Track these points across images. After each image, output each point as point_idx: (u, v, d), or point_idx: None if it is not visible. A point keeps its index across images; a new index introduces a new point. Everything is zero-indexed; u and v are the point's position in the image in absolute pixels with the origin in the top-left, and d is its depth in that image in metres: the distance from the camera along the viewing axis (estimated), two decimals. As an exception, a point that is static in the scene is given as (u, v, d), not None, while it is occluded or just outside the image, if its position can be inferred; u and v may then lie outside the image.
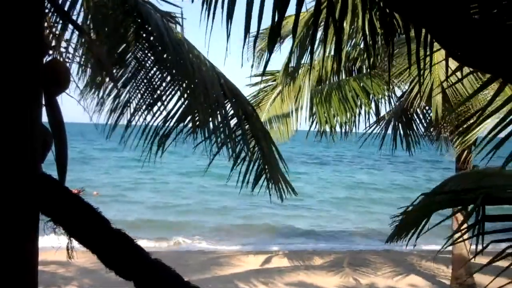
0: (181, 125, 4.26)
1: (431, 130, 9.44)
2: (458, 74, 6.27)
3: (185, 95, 4.25)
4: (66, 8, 3.54)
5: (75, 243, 2.44)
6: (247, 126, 4.55)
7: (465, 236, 3.35)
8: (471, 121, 7.28)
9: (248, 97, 10.23)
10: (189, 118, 4.26)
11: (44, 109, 2.57)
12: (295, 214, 23.02)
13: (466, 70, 2.45)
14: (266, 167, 4.71)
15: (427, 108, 8.87)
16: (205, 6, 2.21)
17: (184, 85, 4.21)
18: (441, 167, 39.96)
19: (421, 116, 9.40)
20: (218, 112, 4.26)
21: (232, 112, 4.44)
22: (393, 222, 4.71)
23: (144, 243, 13.90)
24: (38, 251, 2.39)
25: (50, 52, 3.01)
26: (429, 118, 9.28)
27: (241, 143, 4.47)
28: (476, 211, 3.08)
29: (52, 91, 2.66)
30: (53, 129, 2.65)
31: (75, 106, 3.95)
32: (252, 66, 10.26)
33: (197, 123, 4.18)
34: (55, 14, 3.36)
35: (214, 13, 2.15)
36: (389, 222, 4.83)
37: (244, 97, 4.83)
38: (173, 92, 4.28)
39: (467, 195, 3.64)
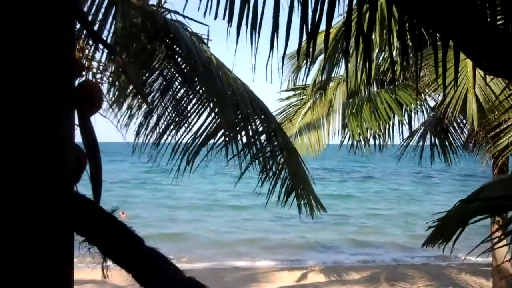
0: (212, 141, 4.29)
1: (468, 140, 9.24)
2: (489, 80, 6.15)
3: (216, 111, 4.27)
4: (96, 29, 3.61)
5: (110, 262, 2.45)
6: (275, 143, 4.55)
7: (504, 243, 3.23)
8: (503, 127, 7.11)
9: (278, 111, 10.24)
10: (220, 133, 4.28)
11: (78, 130, 2.61)
12: (329, 227, 22.77)
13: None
14: (297, 183, 4.69)
15: (461, 117, 8.69)
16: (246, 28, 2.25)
17: (214, 101, 4.24)
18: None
19: (456, 126, 9.22)
20: (248, 128, 4.27)
21: (261, 128, 4.45)
22: (429, 228, 4.61)
23: (180, 264, 13.97)
24: (73, 271, 2.41)
25: (83, 73, 3.06)
26: (464, 127, 9.12)
27: (271, 159, 4.46)
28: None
29: (85, 111, 2.69)
30: (87, 149, 2.68)
31: (108, 125, 4.00)
32: (287, 83, 10.28)
33: (227, 138, 4.20)
34: (87, 35, 3.42)
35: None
36: (425, 228, 4.73)
37: (271, 114, 4.83)
38: (202, 109, 4.31)
39: (504, 201, 3.52)
